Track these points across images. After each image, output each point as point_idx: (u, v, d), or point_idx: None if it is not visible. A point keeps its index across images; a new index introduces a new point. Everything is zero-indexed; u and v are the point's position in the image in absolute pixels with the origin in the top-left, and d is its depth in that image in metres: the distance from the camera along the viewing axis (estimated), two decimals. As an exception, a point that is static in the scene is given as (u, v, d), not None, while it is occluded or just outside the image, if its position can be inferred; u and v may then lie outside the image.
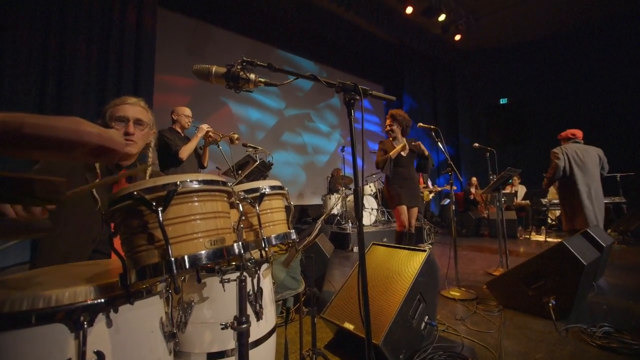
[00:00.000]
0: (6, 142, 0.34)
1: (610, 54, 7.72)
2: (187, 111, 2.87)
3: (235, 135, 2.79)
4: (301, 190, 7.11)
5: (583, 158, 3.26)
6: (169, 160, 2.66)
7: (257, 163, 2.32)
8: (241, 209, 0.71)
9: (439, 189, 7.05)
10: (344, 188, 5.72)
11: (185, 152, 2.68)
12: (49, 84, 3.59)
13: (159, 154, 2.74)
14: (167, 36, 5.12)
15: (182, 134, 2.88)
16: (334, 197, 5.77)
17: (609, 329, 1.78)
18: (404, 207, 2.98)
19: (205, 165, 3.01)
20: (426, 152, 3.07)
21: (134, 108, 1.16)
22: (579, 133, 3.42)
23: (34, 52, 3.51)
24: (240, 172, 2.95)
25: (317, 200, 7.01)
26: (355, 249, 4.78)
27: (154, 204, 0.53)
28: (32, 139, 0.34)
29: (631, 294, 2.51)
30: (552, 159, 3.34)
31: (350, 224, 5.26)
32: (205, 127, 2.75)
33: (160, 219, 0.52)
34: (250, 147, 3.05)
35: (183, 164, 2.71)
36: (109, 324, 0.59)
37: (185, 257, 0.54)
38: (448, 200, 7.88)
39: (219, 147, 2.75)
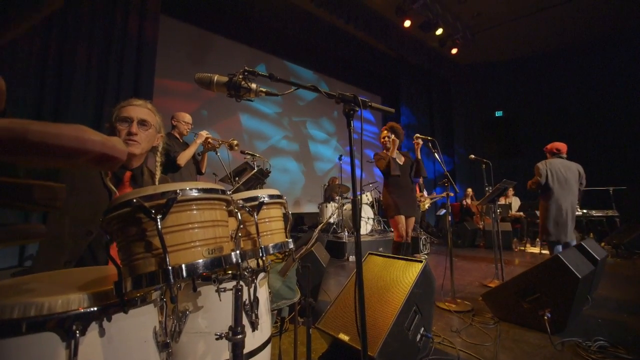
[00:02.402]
0: (10, 149, 0.34)
1: (603, 69, 7.94)
2: (187, 117, 2.87)
3: (235, 142, 2.79)
4: (297, 198, 7.10)
5: (565, 174, 3.42)
6: (167, 166, 2.65)
7: (254, 170, 2.32)
8: (239, 217, 0.71)
9: (436, 195, 7.08)
10: (340, 197, 5.72)
11: (184, 158, 2.68)
12: (47, 88, 3.58)
13: (156, 159, 2.73)
14: (168, 43, 5.16)
15: (181, 140, 2.88)
16: (331, 206, 5.77)
17: (605, 343, 1.78)
18: (402, 217, 2.98)
19: (203, 171, 3.00)
20: (419, 156, 3.09)
21: (139, 109, 1.17)
22: (563, 148, 3.56)
23: (33, 56, 3.52)
24: (237, 178, 2.95)
25: (314, 209, 6.99)
26: (351, 258, 4.75)
27: (153, 211, 0.53)
28: (35, 146, 0.34)
29: (626, 308, 2.52)
30: (535, 173, 3.48)
31: (346, 233, 5.24)
32: (204, 133, 2.75)
33: (159, 227, 0.52)
34: (248, 154, 3.05)
35: (181, 170, 2.70)
36: (102, 333, 0.58)
37: (183, 266, 0.54)
38: (444, 211, 7.91)
39: (217, 154, 2.75)
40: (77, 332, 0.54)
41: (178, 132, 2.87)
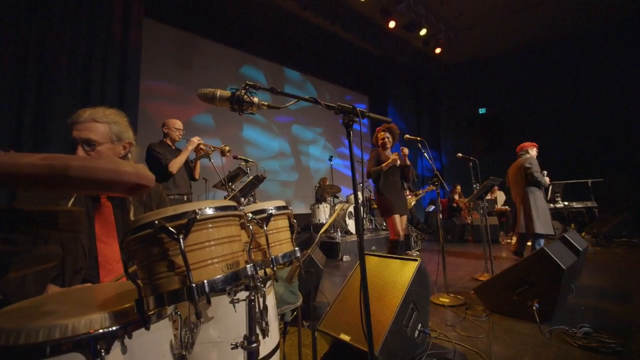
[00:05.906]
0: (52, 184, 0.36)
1: (584, 65, 8.27)
2: (178, 124, 2.85)
3: (227, 148, 2.79)
4: (288, 199, 7.09)
5: (511, 173, 4.05)
6: (158, 174, 2.62)
7: (251, 178, 2.34)
8: (251, 230, 0.73)
9: (422, 192, 7.16)
10: (332, 198, 5.76)
11: (175, 165, 2.66)
12: (29, 97, 3.45)
13: (149, 168, 2.69)
14: (154, 47, 5.07)
15: (173, 147, 2.86)
16: (322, 207, 5.80)
17: (589, 329, 1.89)
18: (397, 216, 3.04)
19: (196, 177, 2.99)
20: (408, 162, 3.16)
21: (82, 126, 1.08)
22: (525, 146, 4.07)
23: (12, 64, 3.39)
24: (230, 184, 2.94)
25: (305, 209, 7.01)
26: (345, 258, 4.82)
27: (175, 232, 0.55)
28: (76, 180, 0.36)
29: (606, 295, 2.67)
30: None
31: (339, 233, 5.29)
32: (196, 140, 2.74)
33: (182, 246, 0.54)
34: (241, 159, 3.05)
35: (174, 177, 2.68)
36: (124, 350, 0.60)
37: (205, 283, 0.56)
38: (433, 207, 8.08)
39: (210, 160, 2.74)
40: (102, 351, 0.55)
41: (170, 139, 2.84)
